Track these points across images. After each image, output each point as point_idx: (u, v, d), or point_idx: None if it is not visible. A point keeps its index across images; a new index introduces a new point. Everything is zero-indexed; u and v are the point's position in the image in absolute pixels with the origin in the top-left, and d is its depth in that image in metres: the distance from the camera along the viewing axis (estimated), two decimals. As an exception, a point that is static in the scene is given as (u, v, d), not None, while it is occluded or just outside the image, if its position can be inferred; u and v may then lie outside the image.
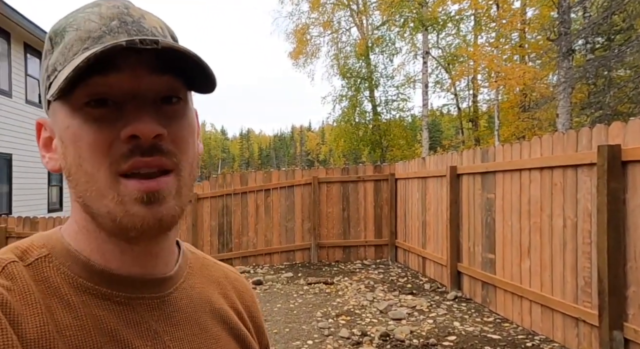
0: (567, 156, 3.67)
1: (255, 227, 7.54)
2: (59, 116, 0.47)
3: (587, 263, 3.43)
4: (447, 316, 4.62)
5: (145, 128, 0.44)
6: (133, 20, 0.47)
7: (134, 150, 0.44)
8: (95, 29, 0.46)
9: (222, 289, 0.59)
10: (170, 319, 0.50)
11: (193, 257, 0.59)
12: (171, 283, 0.52)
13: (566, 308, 3.62)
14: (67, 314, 0.44)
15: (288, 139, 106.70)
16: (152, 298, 0.50)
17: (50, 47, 0.49)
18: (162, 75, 0.46)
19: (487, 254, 4.83)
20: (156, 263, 0.51)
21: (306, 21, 17.45)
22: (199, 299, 0.55)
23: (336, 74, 17.15)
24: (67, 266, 0.47)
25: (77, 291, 0.46)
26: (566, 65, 8.61)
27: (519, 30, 13.47)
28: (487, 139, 16.51)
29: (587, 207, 3.44)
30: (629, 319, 3.06)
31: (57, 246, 0.49)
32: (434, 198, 6.09)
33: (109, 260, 0.48)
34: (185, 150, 0.48)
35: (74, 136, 0.45)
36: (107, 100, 0.45)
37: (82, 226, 0.49)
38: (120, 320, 0.46)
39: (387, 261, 7.45)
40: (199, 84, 0.49)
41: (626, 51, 8.00)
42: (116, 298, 0.47)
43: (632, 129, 3.11)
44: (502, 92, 14.41)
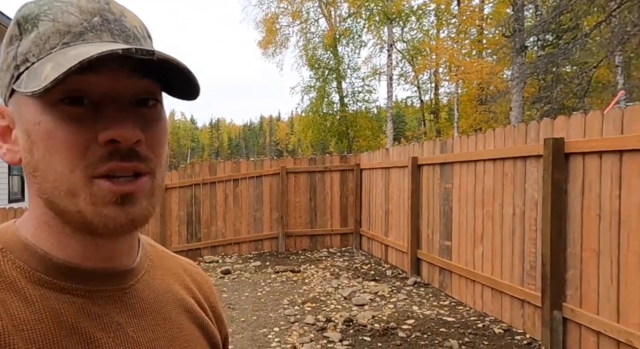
0: (517, 148, 3.82)
1: (224, 217, 7.49)
2: (26, 109, 0.44)
3: (532, 249, 3.61)
4: (407, 300, 4.77)
5: (127, 133, 0.43)
6: (115, 18, 0.46)
7: (113, 154, 0.43)
8: (76, 23, 0.44)
9: (181, 280, 0.59)
10: (132, 310, 0.50)
11: (152, 250, 0.58)
12: (133, 275, 0.52)
13: (513, 291, 3.81)
14: (24, 308, 0.43)
15: (257, 129, 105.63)
16: (114, 290, 0.49)
17: (19, 33, 0.46)
18: (141, 79, 0.45)
19: (444, 242, 4.99)
20: (119, 256, 0.50)
21: (275, 10, 17.23)
22: (161, 290, 0.54)
23: (305, 64, 17.08)
24: (23, 260, 0.46)
25: (34, 285, 0.44)
26: (519, 61, 8.93)
27: (477, 26, 13.81)
28: (447, 131, 16.95)
29: (534, 197, 3.61)
30: (567, 299, 3.27)
31: (12, 239, 0.47)
32: (396, 188, 6.22)
33: (70, 254, 0.47)
34: (160, 154, 0.47)
35: (47, 133, 0.43)
36: (83, 98, 0.43)
37: (43, 222, 0.47)
38: (80, 313, 0.45)
39: (352, 249, 7.58)
40: (179, 90, 0.47)
41: (572, 49, 8.38)
42: (76, 291, 0.46)
43: (575, 123, 3.28)
44: (461, 85, 14.79)
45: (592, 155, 3.10)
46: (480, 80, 12.38)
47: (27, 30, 0.45)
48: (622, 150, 2.85)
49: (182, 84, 0.46)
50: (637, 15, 7.34)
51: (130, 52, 0.40)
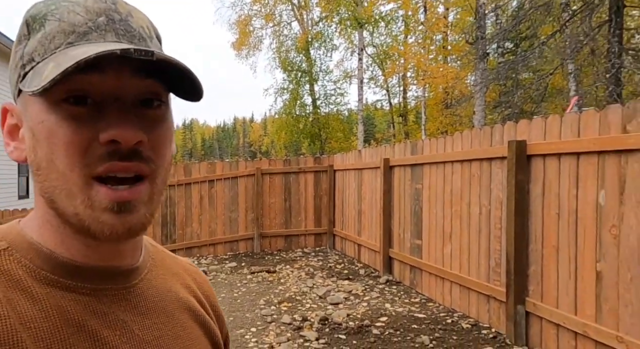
0: (483, 150, 3.95)
1: (199, 218, 7.41)
2: (31, 108, 0.44)
3: (498, 246, 3.75)
4: (380, 298, 4.85)
5: (127, 134, 0.42)
6: (121, 18, 0.45)
7: (112, 154, 0.42)
8: (81, 23, 0.44)
9: (182, 280, 0.59)
10: (137, 308, 0.50)
11: (154, 249, 0.59)
12: (136, 274, 0.52)
13: (480, 287, 3.94)
14: (30, 306, 0.42)
15: (231, 130, 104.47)
16: (119, 289, 0.49)
17: (27, 32, 0.45)
18: (145, 79, 0.44)
19: (415, 240, 5.10)
20: (122, 256, 0.50)
21: (249, 12, 17.12)
22: (164, 289, 0.54)
23: (278, 66, 17.03)
24: (29, 259, 0.45)
25: (40, 284, 0.44)
26: (482, 67, 9.25)
27: (442, 33, 14.19)
28: (415, 133, 17.31)
29: (499, 196, 3.75)
30: (530, 294, 3.41)
31: (17, 239, 0.47)
32: (369, 188, 6.30)
33: (73, 254, 0.47)
34: (163, 156, 0.47)
35: (49, 132, 0.43)
36: (86, 98, 0.43)
37: (46, 220, 0.47)
38: (87, 311, 0.45)
39: (325, 248, 7.63)
40: (183, 91, 0.47)
41: (530, 57, 8.76)
42: (81, 290, 0.46)
43: (536, 126, 3.42)
44: (428, 89, 15.14)
45: (551, 157, 3.24)
46: (445, 85, 12.73)
47: (34, 30, 0.45)
48: (579, 152, 3.00)
49: (186, 85, 0.46)
50: (588, 26, 7.74)
51: (129, 53, 0.39)
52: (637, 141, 2.58)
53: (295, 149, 18.72)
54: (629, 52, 8.03)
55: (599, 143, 2.83)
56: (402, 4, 13.50)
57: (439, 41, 14.98)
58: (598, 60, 8.18)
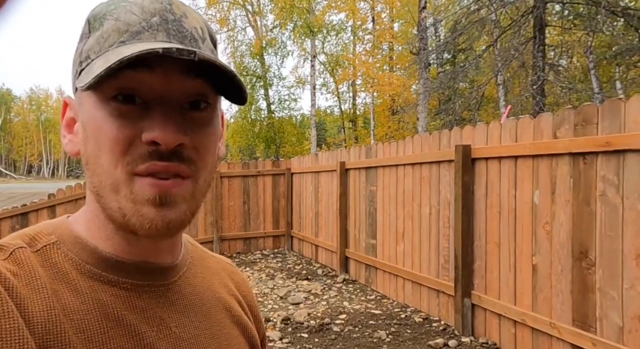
0: (433, 153, 4.12)
1: (155, 224, 7.15)
2: (85, 104, 0.45)
3: (446, 244, 3.92)
4: (338, 297, 4.92)
5: (168, 137, 0.42)
6: (174, 19, 0.45)
7: (153, 153, 0.43)
8: (135, 22, 0.44)
9: (221, 279, 0.59)
10: (175, 306, 0.50)
11: (193, 248, 0.58)
12: (176, 271, 0.51)
13: (430, 283, 4.11)
14: (74, 298, 0.43)
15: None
16: (158, 286, 0.49)
17: (88, 31, 0.46)
18: (194, 79, 0.44)
19: (370, 240, 5.22)
20: (161, 253, 0.50)
21: (203, 17, 16.78)
22: (202, 288, 0.54)
23: (233, 71, 16.83)
24: (75, 253, 0.46)
25: (84, 277, 0.45)
26: (424, 76, 9.67)
27: (389, 43, 14.67)
28: (364, 138, 17.74)
29: (447, 197, 3.92)
30: (475, 287, 3.60)
31: (65, 233, 0.48)
32: (325, 191, 6.37)
33: (117, 249, 0.47)
34: (205, 158, 0.46)
35: (97, 128, 0.43)
36: (134, 97, 0.43)
37: (95, 215, 0.48)
38: (126, 306, 0.45)
39: (284, 250, 7.63)
40: (231, 93, 0.47)
41: (468, 68, 9.29)
42: (123, 285, 0.46)
43: (479, 132, 3.62)
44: (376, 96, 15.58)
45: (493, 160, 3.45)
46: (392, 93, 13.16)
47: (94, 29, 0.45)
48: (517, 156, 3.22)
49: (232, 90, 0.46)
50: (517, 41, 8.31)
51: (171, 52, 0.39)
52: (564, 146, 2.81)
53: (250, 153, 18.53)
54: (552, 66, 8.72)
55: (533, 148, 3.05)
56: (350, 14, 13.82)
57: (385, 51, 15.46)
58: (526, 73, 8.81)
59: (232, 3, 16.52)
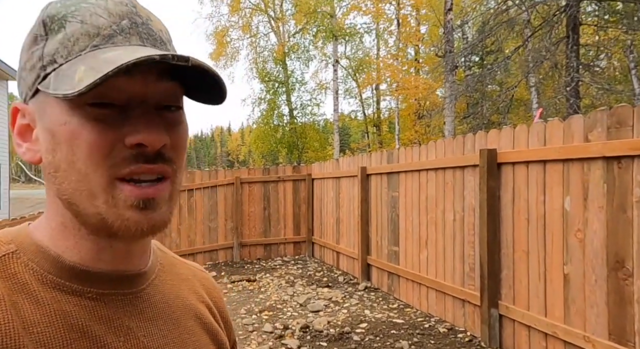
0: (456, 158, 4.04)
1: (178, 228, 7.28)
2: (52, 109, 0.43)
3: (471, 251, 3.83)
4: (359, 305, 4.87)
5: (154, 138, 0.42)
6: (142, 22, 0.45)
7: (138, 156, 0.42)
8: (105, 26, 0.43)
9: (191, 286, 0.58)
10: (143, 314, 0.49)
11: (162, 255, 0.57)
12: (144, 279, 0.51)
13: (455, 292, 4.01)
14: (35, 310, 0.42)
15: (209, 140, 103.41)
16: (125, 294, 0.48)
17: (44, 33, 0.44)
18: (168, 82, 0.45)
19: (392, 247, 5.15)
20: (131, 260, 0.49)
21: (226, 24, 17.09)
22: (172, 295, 0.53)
23: (255, 77, 17.04)
24: (36, 262, 0.45)
25: (46, 287, 0.44)
26: (451, 79, 9.52)
27: (415, 46, 14.53)
28: (389, 143, 17.57)
29: (472, 203, 3.83)
30: (502, 297, 3.49)
31: (25, 241, 0.46)
32: (346, 197, 6.34)
33: (83, 257, 0.46)
34: (182, 158, 0.47)
35: (72, 133, 0.42)
36: (112, 102, 0.42)
37: (60, 223, 0.46)
38: (91, 316, 0.44)
39: (305, 256, 7.61)
40: (203, 96, 0.47)
41: (496, 70, 9.09)
42: (87, 294, 0.45)
43: (505, 135, 3.53)
44: (401, 100, 15.43)
45: (520, 164, 3.35)
46: (418, 96, 13.00)
47: (53, 30, 0.44)
48: (546, 160, 3.11)
49: (207, 89, 0.46)
50: (549, 41, 8.09)
51: (167, 59, 0.39)
52: (597, 150, 2.70)
53: (273, 159, 18.65)
54: (587, 67, 8.45)
55: (563, 151, 2.94)
56: (376, 17, 13.76)
57: (412, 54, 15.33)
58: (559, 74, 8.56)
59: (253, 9, 16.79)
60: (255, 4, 16.74)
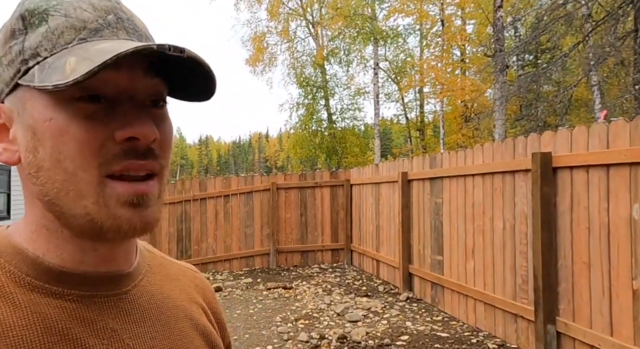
0: (506, 162, 3.85)
1: (215, 233, 7.39)
2: (34, 105, 0.42)
3: (524, 262, 3.61)
4: (400, 316, 4.72)
5: (146, 131, 0.42)
6: (127, 17, 0.46)
7: (129, 152, 0.42)
8: (91, 20, 0.43)
9: (182, 286, 0.57)
10: (129, 316, 0.47)
11: (150, 255, 0.56)
12: (129, 280, 0.49)
13: (506, 305, 3.79)
14: (11, 313, 0.41)
15: (246, 146, 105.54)
16: (109, 296, 0.47)
17: (23, 27, 0.44)
18: (153, 78, 0.44)
19: (435, 256, 4.98)
20: (116, 262, 0.48)
21: (264, 29, 17.40)
22: (160, 296, 0.52)
23: (293, 82, 17.19)
24: (14, 265, 0.44)
25: (23, 290, 0.43)
26: (502, 80, 9.13)
27: (460, 46, 14.13)
28: (433, 147, 17.12)
29: (524, 210, 3.63)
30: (560, 313, 3.25)
31: (2, 244, 0.46)
32: (386, 203, 6.21)
33: (65, 259, 0.45)
34: (168, 155, 0.47)
35: (59, 130, 0.41)
36: (99, 96, 0.42)
37: (41, 225, 0.45)
38: (72, 318, 0.43)
39: (343, 264, 7.52)
40: (189, 92, 0.48)
41: (552, 69, 8.63)
42: (68, 296, 0.44)
43: (561, 138, 3.32)
44: (446, 103, 15.03)
45: (579, 169, 3.13)
46: (465, 98, 12.60)
47: (33, 24, 0.43)
48: (609, 164, 2.89)
49: (197, 86, 0.46)
50: (613, 36, 7.61)
51: (164, 48, 0.39)
52: (673, 152, 2.47)
53: (311, 164, 18.67)
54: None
55: (630, 154, 2.72)
56: (419, 17, 13.52)
57: (457, 55, 14.93)
58: (625, 72, 8.02)
59: (291, 14, 17.01)
60: (293, 9, 16.96)
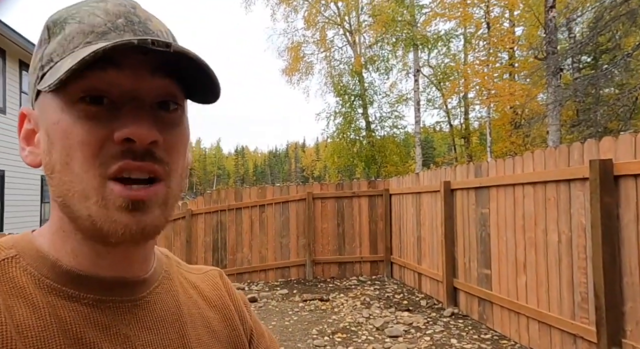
0: (560, 170, 3.66)
1: (250, 243, 7.45)
2: (48, 109, 0.45)
3: (583, 278, 3.39)
4: (444, 333, 4.54)
5: (142, 132, 0.42)
6: (139, 21, 0.47)
7: (126, 153, 0.42)
8: (100, 24, 0.45)
9: (200, 292, 0.57)
10: (143, 323, 0.48)
11: (168, 262, 0.57)
12: (145, 286, 0.50)
13: (564, 325, 3.56)
14: (30, 315, 0.42)
15: (283, 156, 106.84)
16: (124, 301, 0.48)
17: (47, 36, 0.47)
18: (163, 78, 0.45)
19: (482, 270, 4.78)
20: (131, 267, 0.49)
21: (300, 39, 17.64)
22: (176, 303, 0.52)
23: (330, 91, 17.26)
24: (35, 267, 0.46)
25: (43, 292, 0.44)
26: (555, 83, 8.73)
27: (508, 50, 13.68)
28: (480, 156, 16.56)
29: (581, 222, 3.42)
30: (627, 335, 3.01)
31: (26, 247, 0.47)
32: (428, 213, 6.06)
33: (81, 262, 0.46)
34: (177, 160, 0.46)
35: (64, 132, 0.43)
36: (103, 98, 0.43)
37: (59, 227, 0.47)
38: (87, 323, 0.44)
39: (382, 277, 7.37)
40: (200, 93, 0.48)
41: (613, 70, 8.14)
42: (84, 300, 0.45)
43: (623, 143, 3.12)
44: (493, 109, 14.53)
45: (645, 177, 2.92)
46: (514, 104, 12.13)
47: (55, 34, 0.46)
48: (681, 171, 2.67)
49: (205, 87, 0.46)
50: None
51: (146, 43, 0.39)
52: None
53: (349, 174, 18.55)
54: None
55: None
56: (462, 21, 13.23)
57: (504, 58, 14.45)
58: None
59: (328, 23, 17.16)
60: (330, 18, 17.11)
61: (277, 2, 17.03)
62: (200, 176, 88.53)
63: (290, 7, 17.01)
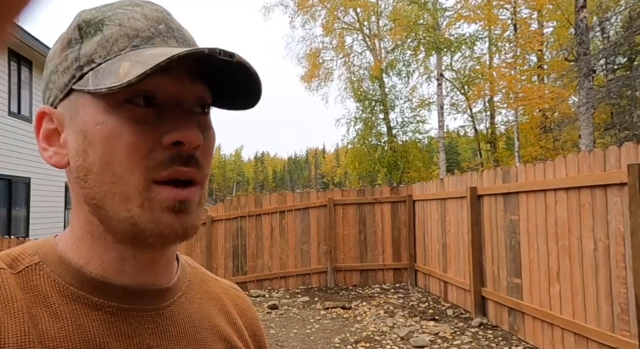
0: (595, 175, 3.54)
1: (270, 250, 7.45)
2: (86, 109, 0.45)
3: (622, 289, 3.25)
4: (473, 344, 4.42)
5: (192, 136, 0.44)
6: (177, 28, 0.48)
7: (174, 158, 0.44)
8: (144, 28, 0.46)
9: (222, 305, 0.57)
10: (165, 333, 0.48)
11: (192, 271, 0.57)
12: (169, 295, 0.50)
13: (602, 337, 3.42)
14: (53, 324, 0.43)
15: (302, 162, 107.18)
16: (147, 310, 0.48)
17: (79, 36, 0.47)
18: (199, 84, 0.46)
19: (512, 279, 4.64)
20: (156, 273, 0.49)
21: (318, 45, 17.70)
22: (198, 314, 0.53)
23: (350, 96, 17.23)
24: (58, 274, 0.46)
25: (66, 300, 0.44)
26: (587, 85, 8.48)
27: (537, 51, 13.38)
28: (507, 161, 16.16)
29: (620, 229, 3.29)
30: (673, 349, 2.87)
31: (49, 253, 0.47)
32: (454, 220, 5.94)
33: (106, 269, 0.47)
34: (210, 163, 0.48)
35: (110, 133, 0.43)
36: (152, 100, 0.44)
37: (86, 231, 0.47)
38: (110, 332, 0.44)
39: (406, 285, 7.25)
40: (231, 99, 0.50)
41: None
42: (108, 308, 0.45)
43: (665, 146, 2.99)
44: (521, 113, 14.19)
45: (691, 181, 2.79)
46: (543, 107, 11.83)
47: (89, 34, 0.46)
48: None
49: (237, 94, 0.48)
50: None
51: (216, 52, 0.41)
52: None
53: (370, 180, 18.40)
54: None
55: None
56: (488, 23, 13.01)
57: (532, 60, 14.14)
58: None
59: (347, 28, 17.18)
60: (349, 23, 17.14)
61: (295, 10, 17.17)
62: (220, 182, 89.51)
63: (308, 15, 17.13)
